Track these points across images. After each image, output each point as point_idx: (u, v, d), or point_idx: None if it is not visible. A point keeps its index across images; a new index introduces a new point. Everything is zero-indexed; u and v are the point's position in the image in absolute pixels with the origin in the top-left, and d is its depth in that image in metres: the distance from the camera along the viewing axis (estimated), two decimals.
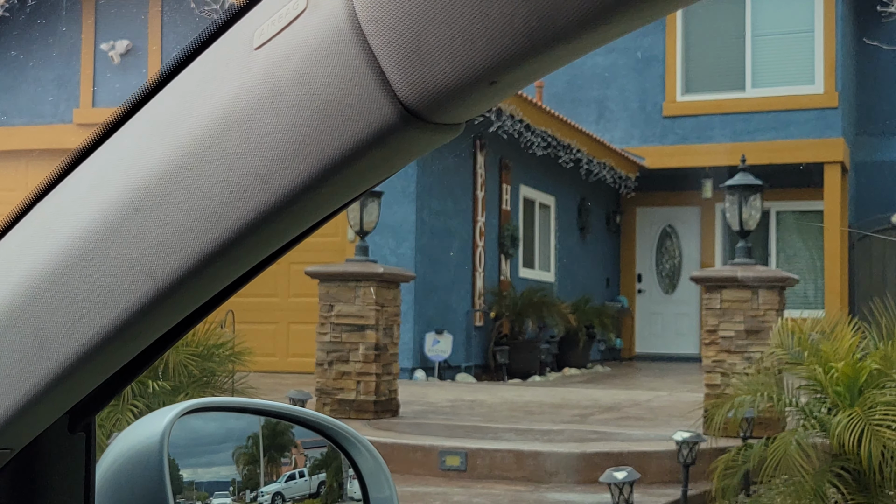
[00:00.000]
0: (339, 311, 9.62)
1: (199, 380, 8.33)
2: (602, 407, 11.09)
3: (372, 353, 9.54)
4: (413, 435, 8.37)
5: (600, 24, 0.69)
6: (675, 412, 10.68)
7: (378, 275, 9.57)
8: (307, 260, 14.38)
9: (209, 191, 0.84)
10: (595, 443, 8.14)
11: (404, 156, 0.81)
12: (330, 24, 0.77)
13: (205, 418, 1.47)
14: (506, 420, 9.69)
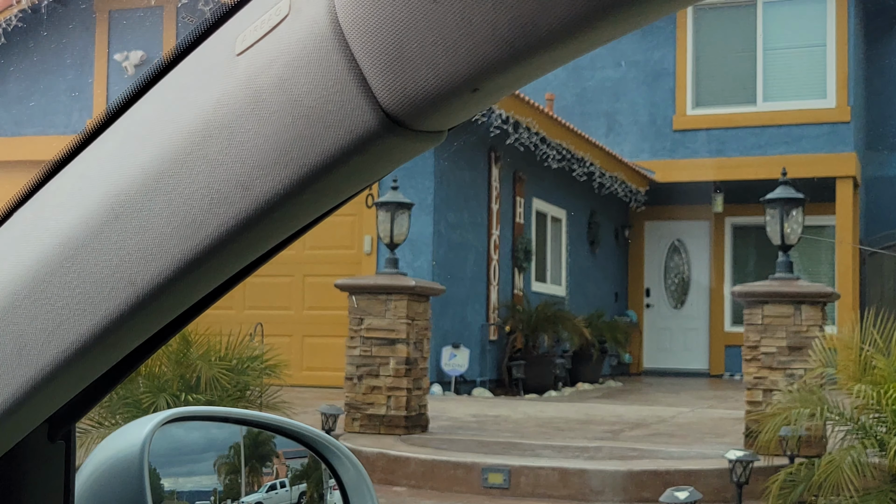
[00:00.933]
0: (370, 325, 9.47)
1: (232, 394, 8.17)
2: (629, 423, 10.95)
3: (403, 368, 9.38)
4: (452, 451, 8.21)
5: (583, 31, 0.69)
6: (705, 429, 10.55)
7: (409, 288, 9.42)
8: (323, 272, 14.26)
9: (190, 197, 0.83)
10: (638, 461, 7.99)
11: (386, 163, 0.80)
12: (312, 31, 0.77)
13: (187, 427, 1.47)
14: (537, 436, 9.54)
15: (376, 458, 8.19)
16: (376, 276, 9.69)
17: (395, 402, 9.37)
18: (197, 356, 8.22)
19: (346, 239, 14.21)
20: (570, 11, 0.68)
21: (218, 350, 8.32)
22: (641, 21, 0.71)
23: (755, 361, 8.44)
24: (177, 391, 7.96)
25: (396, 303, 9.43)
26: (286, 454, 1.60)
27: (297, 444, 1.58)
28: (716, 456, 8.27)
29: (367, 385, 9.44)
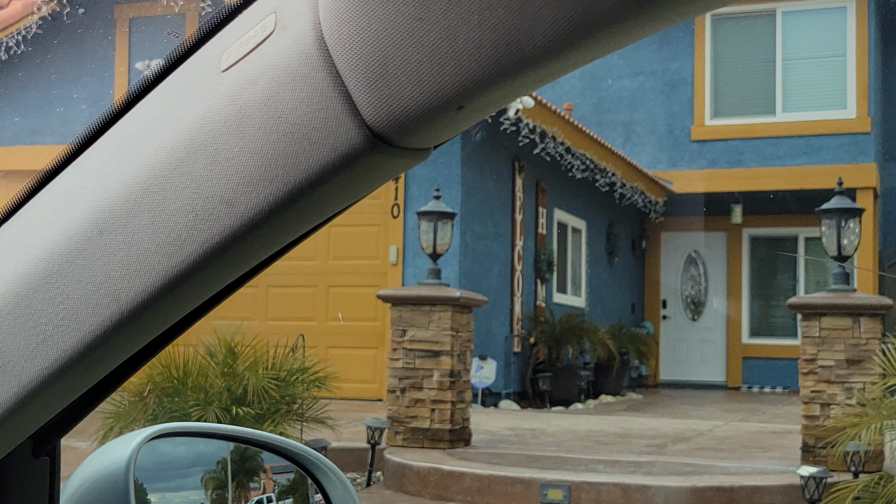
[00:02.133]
0: (413, 336, 9.29)
1: (279, 407, 7.98)
2: (668, 437, 10.78)
3: (447, 381, 9.21)
4: (507, 466, 8.02)
5: (568, 49, 0.69)
6: (747, 443, 10.39)
7: (454, 299, 9.25)
8: (347, 283, 14.09)
9: (174, 214, 0.83)
10: (698, 476, 7.81)
11: (371, 180, 0.80)
12: (297, 48, 0.76)
13: (174, 442, 1.47)
14: (583, 451, 9.36)
15: (429, 473, 8.01)
16: (419, 287, 9.51)
17: (440, 416, 9.19)
18: (244, 367, 8.05)
19: (371, 249, 14.03)
20: (555, 30, 0.68)
21: (265, 361, 8.15)
22: (625, 40, 0.70)
23: (812, 375, 8.28)
24: (226, 403, 7.78)
25: (440, 314, 9.25)
26: (273, 469, 1.61)
27: (284, 460, 1.59)
28: (774, 471, 8.11)
29: (411, 398, 9.26)
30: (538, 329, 15.29)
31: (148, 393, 7.83)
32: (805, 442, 8.24)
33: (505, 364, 14.61)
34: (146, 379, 7.92)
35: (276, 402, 7.90)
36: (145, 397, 7.84)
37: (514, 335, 14.85)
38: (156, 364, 8.09)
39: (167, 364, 8.05)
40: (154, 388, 7.85)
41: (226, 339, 8.16)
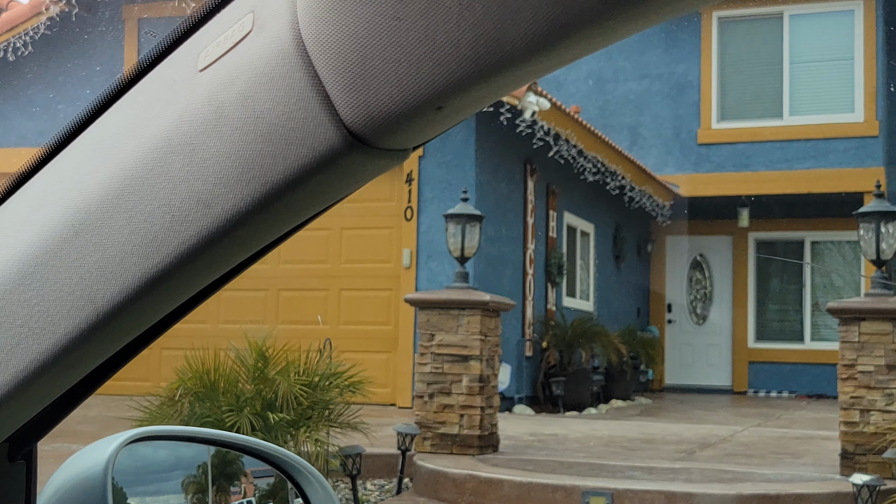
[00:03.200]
0: (441, 341, 9.15)
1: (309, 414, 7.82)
2: (693, 442, 10.66)
3: (476, 386, 9.07)
4: (545, 473, 7.89)
5: (548, 49, 0.68)
6: (774, 449, 10.28)
7: (483, 303, 9.11)
8: (359, 286, 13.94)
9: (151, 214, 0.82)
10: (740, 484, 7.69)
11: (350, 181, 0.80)
12: (275, 47, 0.76)
13: (154, 446, 1.47)
14: (612, 457, 9.23)
15: (465, 480, 7.87)
16: (448, 291, 9.36)
17: (469, 422, 9.05)
18: (276, 372, 7.91)
19: (384, 252, 13.89)
20: (534, 29, 0.67)
21: (296, 366, 8.00)
22: (606, 40, 0.69)
23: (851, 381, 8.17)
24: (259, 409, 7.63)
25: (469, 318, 9.11)
26: (254, 473, 1.60)
27: (265, 463, 1.58)
28: (814, 478, 8.00)
29: (439, 403, 9.12)
30: (550, 333, 15.16)
31: (179, 397, 7.67)
32: (844, 448, 8.12)
33: (517, 368, 14.48)
34: (177, 383, 7.77)
35: (309, 407, 7.75)
36: (177, 401, 7.69)
37: (525, 339, 14.72)
38: (187, 368, 7.95)
39: (197, 368, 7.90)
40: (185, 392, 7.69)
41: (257, 343, 8.00)
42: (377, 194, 13.87)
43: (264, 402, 7.65)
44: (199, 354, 7.92)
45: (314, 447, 7.46)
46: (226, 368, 7.94)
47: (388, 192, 13.86)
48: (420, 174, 13.62)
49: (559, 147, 14.50)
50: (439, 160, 13.52)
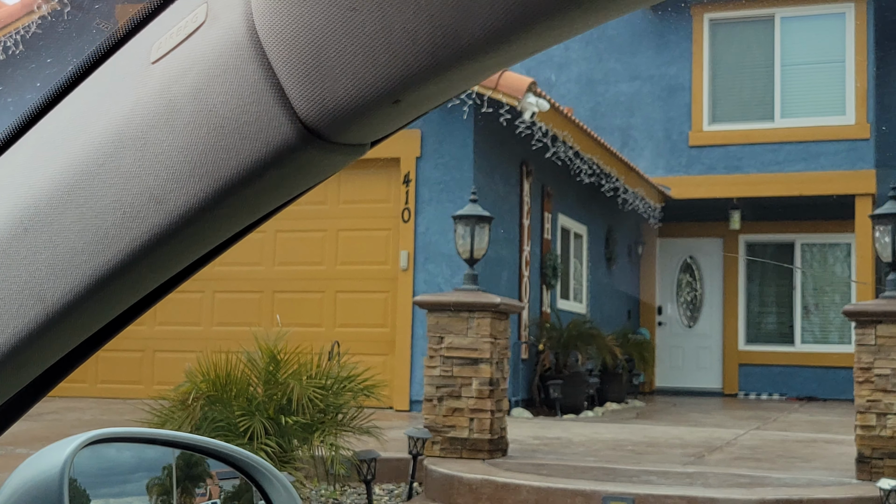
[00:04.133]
0: (451, 344, 9.05)
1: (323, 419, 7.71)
2: (697, 446, 10.59)
3: (486, 389, 8.97)
4: (562, 478, 7.79)
5: (507, 42, 0.68)
6: (781, 452, 10.23)
7: (493, 305, 9.01)
8: (356, 289, 13.82)
9: (102, 211, 0.81)
10: (760, 488, 7.62)
11: (305, 177, 0.78)
12: (228, 38, 0.75)
13: (118, 447, 1.45)
14: (621, 460, 9.15)
15: (481, 485, 7.76)
16: (457, 293, 9.26)
17: (479, 425, 8.95)
18: (287, 375, 7.79)
19: (381, 254, 13.77)
20: (493, 22, 0.66)
21: (308, 369, 7.88)
22: (565, 33, 0.69)
23: (868, 384, 8.11)
24: (273, 413, 7.51)
25: (479, 321, 9.02)
26: (219, 475, 1.58)
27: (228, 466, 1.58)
28: (831, 483, 7.94)
29: (448, 407, 9.02)
30: (545, 335, 15.08)
31: (192, 401, 7.54)
32: (861, 452, 8.06)
33: (513, 371, 14.38)
34: (190, 386, 7.64)
35: (322, 411, 7.64)
36: (190, 405, 7.55)
37: (521, 342, 14.63)
38: (198, 371, 7.82)
39: (207, 371, 7.76)
40: (198, 395, 7.56)
41: (268, 346, 7.88)
42: (374, 195, 13.77)
43: (277, 406, 7.53)
44: (210, 357, 7.77)
45: (328, 451, 7.35)
46: (237, 372, 7.81)
47: (385, 194, 13.75)
48: (418, 175, 13.52)
49: (557, 148, 14.42)
50: (437, 161, 13.42)
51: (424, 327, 13.30)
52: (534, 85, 12.76)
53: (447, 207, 13.41)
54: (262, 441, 7.27)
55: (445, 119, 13.30)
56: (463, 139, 13.31)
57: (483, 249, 9.40)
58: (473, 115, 13.18)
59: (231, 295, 14.24)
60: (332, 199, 13.95)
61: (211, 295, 14.33)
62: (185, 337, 14.40)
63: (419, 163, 13.52)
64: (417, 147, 13.48)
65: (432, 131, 13.40)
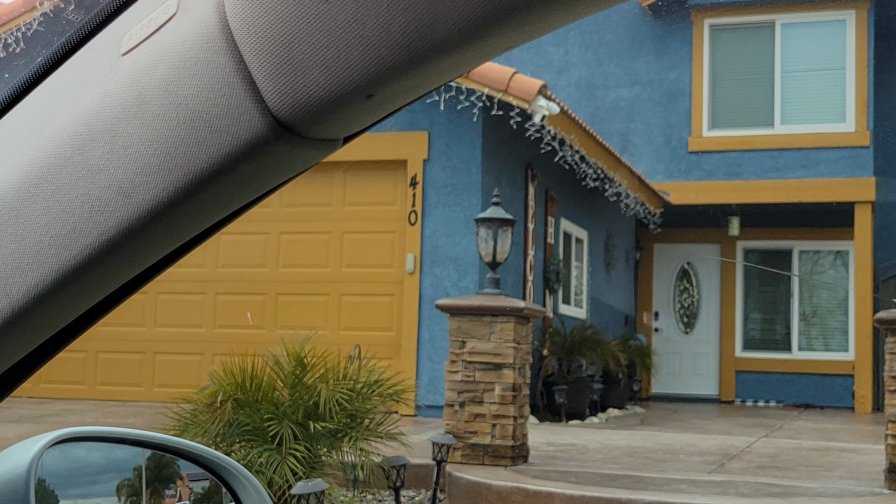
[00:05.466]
0: (473, 348, 8.92)
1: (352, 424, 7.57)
2: (713, 453, 10.50)
3: (510, 395, 8.85)
4: (594, 486, 7.68)
5: (481, 36, 0.67)
6: (800, 460, 10.14)
7: (517, 310, 8.89)
8: (361, 291, 13.68)
9: (69, 204, 0.80)
10: (798, 498, 7.52)
11: (277, 172, 0.77)
12: (199, 30, 0.74)
13: (87, 447, 1.44)
14: (643, 468, 9.05)
15: (511, 493, 7.64)
16: (480, 297, 9.13)
17: (501, 431, 8.83)
18: (314, 378, 7.65)
19: (386, 257, 13.64)
20: (468, 15, 0.65)
21: (335, 373, 7.74)
22: (541, 29, 0.68)
23: None
24: (301, 418, 7.37)
25: (503, 325, 8.89)
26: (190, 476, 1.57)
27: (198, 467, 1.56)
28: (863, 493, 7.86)
29: (470, 412, 8.89)
30: (549, 341, 14.97)
31: (220, 404, 7.38)
32: (892, 462, 7.98)
33: None
34: (216, 388, 7.48)
35: (351, 416, 7.49)
36: (217, 408, 7.39)
37: None
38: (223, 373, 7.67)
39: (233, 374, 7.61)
40: (225, 398, 7.41)
41: (294, 349, 7.74)
42: (379, 197, 13.64)
43: (306, 410, 7.39)
44: (237, 360, 7.62)
45: (358, 457, 7.21)
46: (263, 374, 7.66)
47: (391, 196, 13.62)
48: (425, 178, 13.39)
49: (564, 152, 14.32)
50: (444, 164, 13.30)
51: (431, 331, 13.23)
52: (545, 88, 12.66)
53: (454, 210, 13.30)
54: (290, 446, 7.13)
55: (453, 121, 13.18)
56: (471, 141, 13.19)
57: (505, 253, 9.27)
58: (483, 117, 13.06)
59: (234, 297, 14.07)
60: (338, 200, 13.81)
61: (213, 297, 14.16)
62: (186, 339, 14.22)
63: (426, 165, 13.39)
64: (425, 149, 13.36)
65: (440, 134, 13.29)
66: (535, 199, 14.96)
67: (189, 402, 7.64)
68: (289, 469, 6.98)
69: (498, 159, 13.74)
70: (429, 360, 13.19)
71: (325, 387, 7.48)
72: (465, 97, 12.93)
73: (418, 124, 13.34)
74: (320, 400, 7.43)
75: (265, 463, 7.05)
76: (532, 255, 14.88)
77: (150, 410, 13.08)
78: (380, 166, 13.57)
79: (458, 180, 13.27)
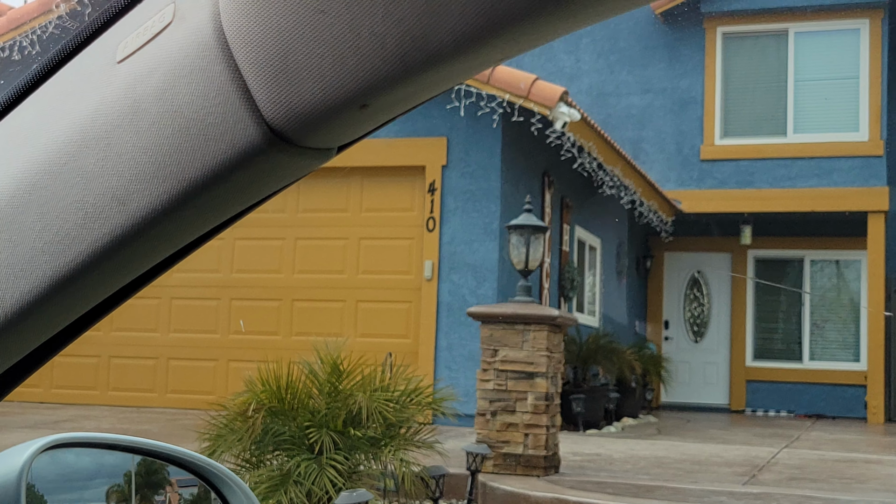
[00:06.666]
0: (505, 357, 8.81)
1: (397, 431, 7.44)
2: (741, 464, 10.40)
3: (542, 404, 8.73)
4: (634, 498, 7.57)
5: (476, 47, 0.67)
6: (829, 472, 10.05)
7: (551, 318, 8.78)
8: (378, 298, 13.56)
9: (63, 211, 0.80)
10: None
11: (271, 180, 0.77)
12: (195, 39, 0.74)
13: (77, 453, 1.43)
14: (676, 479, 8.94)
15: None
16: (513, 304, 9.01)
17: (534, 441, 8.71)
18: (351, 386, 7.53)
19: (403, 264, 13.52)
20: (462, 27, 0.65)
21: (372, 381, 7.63)
22: (535, 40, 0.68)
23: None
24: (340, 426, 7.25)
25: (535, 333, 8.78)
26: (180, 482, 1.57)
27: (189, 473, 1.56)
28: None
29: (502, 422, 8.78)
30: (564, 349, 14.85)
31: (253, 412, 7.26)
32: None
33: None
34: (250, 397, 7.35)
35: (391, 425, 7.37)
36: (250, 417, 7.27)
37: None
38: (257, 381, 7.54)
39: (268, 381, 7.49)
40: (259, 406, 7.28)
41: (330, 356, 7.62)
42: (397, 204, 13.53)
43: (347, 418, 7.27)
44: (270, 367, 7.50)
45: (399, 467, 7.08)
46: (298, 382, 7.54)
47: (409, 202, 13.51)
48: (443, 184, 13.28)
49: (583, 159, 14.23)
50: (463, 170, 13.20)
51: (449, 339, 13.12)
52: (566, 94, 12.57)
53: (473, 217, 13.20)
54: (330, 455, 7.01)
55: (472, 127, 13.09)
56: (491, 148, 13.09)
57: (538, 260, 9.17)
58: (502, 123, 12.97)
59: (248, 303, 13.95)
60: (355, 206, 13.70)
61: (228, 302, 14.04)
62: (200, 345, 14.10)
63: (445, 171, 13.29)
64: (443, 155, 13.26)
65: (459, 140, 13.19)
66: (551, 207, 14.87)
67: (223, 408, 7.52)
68: (328, 480, 6.87)
69: (516, 166, 13.65)
70: (446, 367, 13.08)
71: (365, 396, 7.35)
72: (485, 103, 12.83)
73: (437, 130, 13.25)
74: (361, 409, 7.29)
75: (303, 473, 6.93)
76: (548, 263, 14.78)
77: (164, 417, 12.96)
78: (398, 172, 13.47)
79: (477, 187, 13.16)
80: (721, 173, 18.88)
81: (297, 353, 9.55)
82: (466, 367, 12.73)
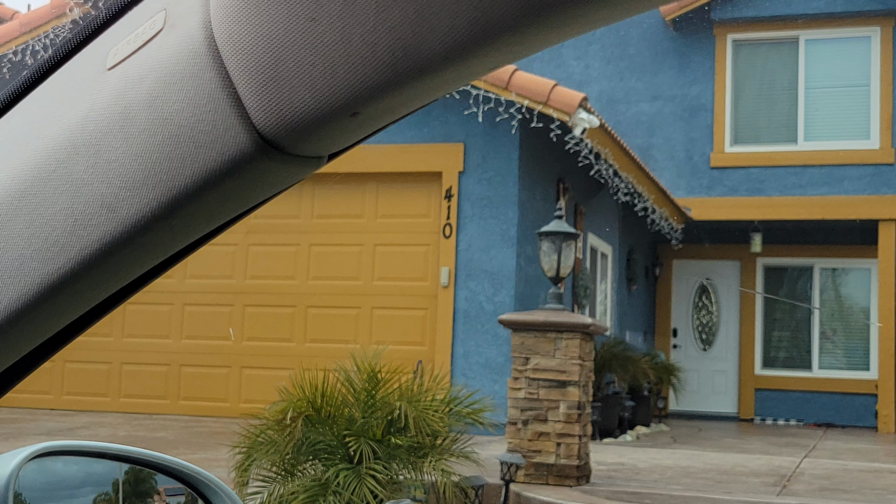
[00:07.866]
0: (537, 365, 8.70)
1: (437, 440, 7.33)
2: (766, 474, 10.31)
3: (575, 413, 8.63)
4: None
5: (467, 56, 0.67)
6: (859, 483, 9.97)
7: (584, 326, 8.68)
8: (393, 305, 13.44)
9: (52, 218, 0.80)
10: None
11: (261, 188, 0.77)
12: (186, 46, 0.74)
13: (66, 461, 1.42)
14: (708, 489, 8.84)
15: None
16: (545, 312, 8.91)
17: (566, 451, 8.60)
18: (387, 394, 7.42)
19: (420, 270, 13.41)
20: (453, 36, 0.65)
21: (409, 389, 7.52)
22: (527, 49, 0.68)
23: None
24: (380, 435, 7.14)
25: (568, 342, 8.68)
26: (167, 490, 1.56)
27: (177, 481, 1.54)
28: None
29: (534, 431, 8.67)
30: None
31: (290, 421, 7.14)
32: None
33: None
34: (287, 405, 7.24)
35: (431, 434, 7.27)
36: (287, 426, 7.15)
37: None
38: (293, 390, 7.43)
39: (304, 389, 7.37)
40: (295, 416, 7.17)
41: (367, 365, 7.51)
42: (413, 210, 13.43)
43: (388, 426, 7.16)
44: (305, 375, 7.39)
45: (441, 477, 6.97)
46: (333, 391, 7.43)
47: (425, 208, 13.40)
48: (460, 190, 13.18)
49: (599, 166, 14.14)
50: (480, 176, 13.10)
51: (465, 346, 13.01)
52: (585, 100, 12.48)
53: (490, 224, 13.09)
54: (369, 465, 6.90)
55: (489, 133, 13.00)
56: (508, 154, 13.00)
57: (569, 267, 9.07)
58: (521, 129, 12.88)
59: (262, 309, 13.83)
60: (370, 212, 13.59)
61: (241, 309, 13.91)
62: (212, 352, 13.97)
63: (462, 177, 13.19)
64: (460, 161, 13.16)
65: (476, 146, 13.09)
66: (565, 213, 14.76)
67: (259, 418, 7.41)
68: (368, 490, 6.76)
69: (532, 173, 13.55)
70: (463, 375, 12.96)
71: (411, 406, 7.23)
72: (503, 109, 12.74)
73: (454, 136, 13.15)
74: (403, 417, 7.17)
75: (342, 483, 6.82)
76: None
77: (178, 424, 12.83)
78: (414, 178, 13.37)
79: (495, 193, 13.06)
80: (731, 181, 18.81)
81: (312, 360, 9.46)
82: (483, 375, 12.63)
